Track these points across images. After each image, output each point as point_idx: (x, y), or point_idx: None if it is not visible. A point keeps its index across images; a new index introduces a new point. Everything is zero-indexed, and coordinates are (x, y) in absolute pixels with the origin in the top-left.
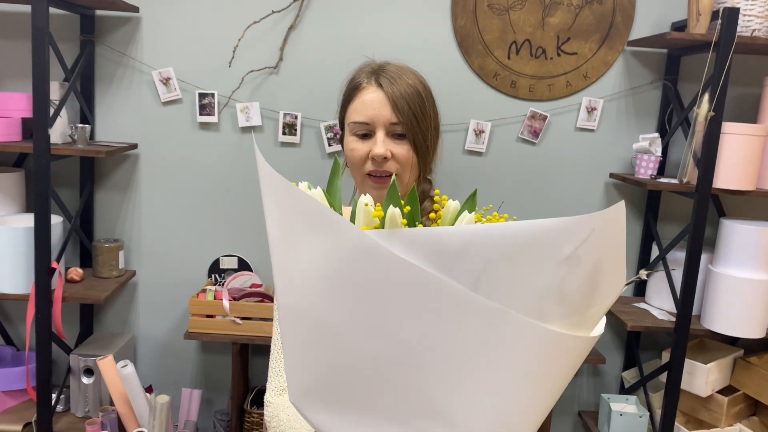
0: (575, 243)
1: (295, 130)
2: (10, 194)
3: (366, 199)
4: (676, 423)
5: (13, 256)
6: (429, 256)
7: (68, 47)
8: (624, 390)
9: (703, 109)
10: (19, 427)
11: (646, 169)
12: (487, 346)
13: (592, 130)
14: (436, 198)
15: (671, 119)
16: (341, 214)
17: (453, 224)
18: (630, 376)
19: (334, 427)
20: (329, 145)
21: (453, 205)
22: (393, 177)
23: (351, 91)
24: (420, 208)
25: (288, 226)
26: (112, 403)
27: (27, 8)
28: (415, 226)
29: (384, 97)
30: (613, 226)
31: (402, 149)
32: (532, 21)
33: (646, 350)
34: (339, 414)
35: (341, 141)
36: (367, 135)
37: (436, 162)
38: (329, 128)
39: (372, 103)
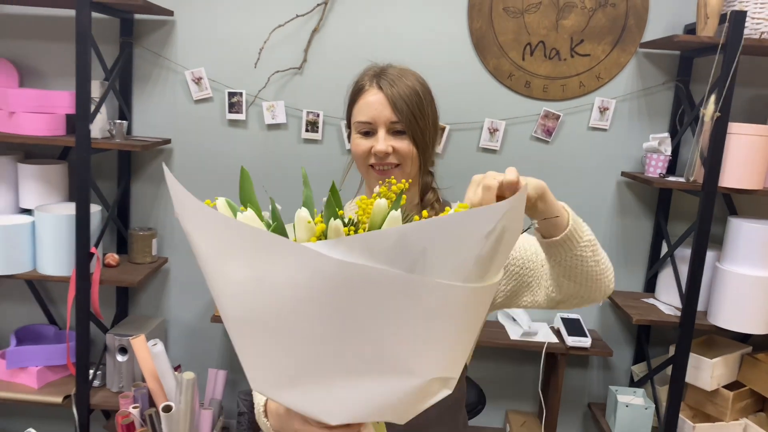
0: (493, 223)
1: (318, 127)
2: (54, 184)
3: (304, 214)
4: (682, 416)
5: (56, 242)
6: (376, 257)
7: (108, 48)
8: (633, 383)
9: (709, 110)
10: (60, 399)
11: (656, 168)
12: (427, 309)
13: (604, 130)
14: (360, 202)
15: (683, 119)
16: (260, 216)
17: (383, 221)
18: (639, 370)
19: (300, 401)
20: (349, 141)
21: (382, 203)
22: (332, 191)
23: (355, 93)
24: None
25: (220, 251)
26: (143, 380)
27: (71, 12)
28: (354, 225)
29: (384, 98)
30: (518, 204)
31: (402, 144)
32: (546, 23)
33: (656, 345)
34: (302, 391)
35: (349, 138)
36: (369, 132)
37: (434, 154)
38: None
39: (374, 104)
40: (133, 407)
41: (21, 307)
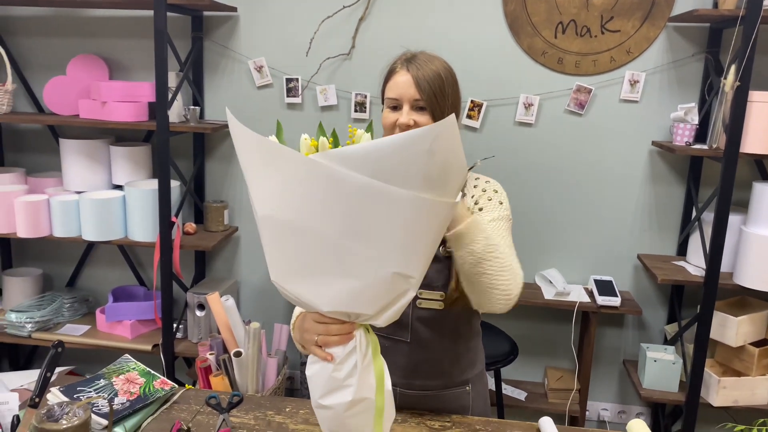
0: (429, 141)
1: (365, 107)
2: (140, 163)
3: (305, 135)
4: (708, 370)
5: (143, 212)
6: (346, 163)
7: (182, 43)
8: (666, 342)
9: (729, 80)
10: (149, 347)
11: (682, 137)
12: (387, 213)
13: (635, 101)
14: (349, 130)
15: (712, 89)
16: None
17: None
18: (671, 329)
19: (302, 289)
20: None
21: (360, 132)
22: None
23: (388, 74)
24: None
25: (256, 161)
26: (218, 331)
27: (150, 13)
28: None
29: (411, 79)
30: (449, 130)
31: (423, 118)
32: (576, 3)
33: (689, 307)
34: (303, 280)
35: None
36: (396, 107)
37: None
38: None
39: (401, 84)
40: (210, 354)
41: (115, 270)
